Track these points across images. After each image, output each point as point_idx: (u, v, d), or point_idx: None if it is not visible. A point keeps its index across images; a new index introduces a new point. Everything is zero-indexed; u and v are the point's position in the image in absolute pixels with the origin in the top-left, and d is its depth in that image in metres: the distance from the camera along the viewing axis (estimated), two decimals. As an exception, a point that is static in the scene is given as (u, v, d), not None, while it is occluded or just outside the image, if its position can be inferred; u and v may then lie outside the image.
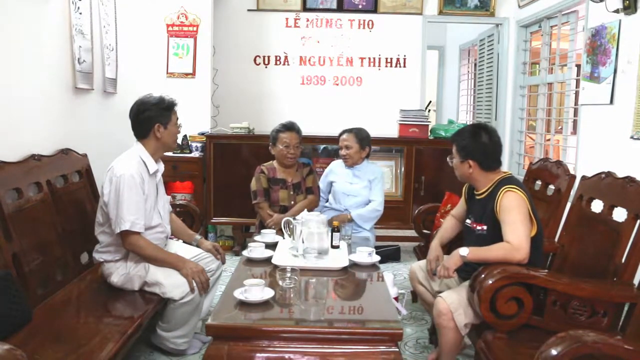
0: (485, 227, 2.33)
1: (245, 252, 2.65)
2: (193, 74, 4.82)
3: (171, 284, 2.47)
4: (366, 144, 3.57)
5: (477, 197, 2.41)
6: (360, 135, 3.55)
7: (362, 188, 3.56)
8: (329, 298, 2.19)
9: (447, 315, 2.19)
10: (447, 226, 2.66)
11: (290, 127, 3.46)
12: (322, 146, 4.80)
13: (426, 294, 2.60)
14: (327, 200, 3.73)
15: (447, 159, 2.47)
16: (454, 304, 2.19)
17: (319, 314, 1.99)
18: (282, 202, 3.46)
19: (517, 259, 2.12)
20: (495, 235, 2.24)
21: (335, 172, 3.67)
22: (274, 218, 3.35)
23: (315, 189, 3.56)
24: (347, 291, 2.35)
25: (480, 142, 2.34)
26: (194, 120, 4.62)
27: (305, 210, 2.90)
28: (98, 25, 3.50)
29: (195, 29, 4.81)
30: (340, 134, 3.61)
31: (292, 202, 3.47)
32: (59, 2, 2.98)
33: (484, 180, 2.36)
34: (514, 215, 2.18)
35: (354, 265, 2.52)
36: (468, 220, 2.46)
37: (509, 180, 2.31)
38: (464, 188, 2.59)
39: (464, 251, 2.23)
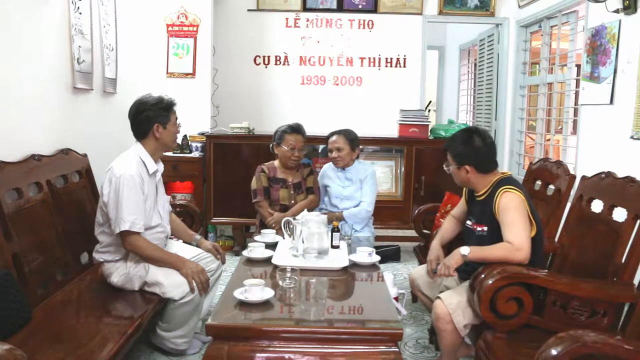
0: (485, 228, 2.33)
1: (245, 252, 2.65)
2: (193, 74, 4.83)
3: (171, 284, 2.47)
4: (356, 145, 3.55)
5: (478, 199, 2.41)
6: (350, 137, 3.52)
7: (355, 190, 3.54)
8: (329, 298, 2.18)
9: (445, 318, 2.19)
10: (447, 226, 2.66)
11: (297, 129, 3.44)
12: (321, 146, 4.80)
13: (427, 302, 2.59)
14: (322, 202, 3.72)
15: (444, 166, 2.47)
16: (452, 305, 2.19)
17: (319, 314, 1.99)
18: (283, 201, 3.46)
19: (518, 259, 2.12)
20: (495, 236, 2.24)
21: (328, 176, 3.64)
22: (274, 217, 3.34)
23: (315, 189, 3.56)
24: (347, 291, 2.35)
25: (474, 146, 2.34)
26: (194, 120, 4.63)
27: (305, 210, 2.90)
28: (98, 25, 3.50)
29: (195, 29, 4.81)
30: (329, 136, 3.56)
31: (293, 202, 3.47)
32: (59, 2, 2.98)
33: (483, 182, 2.36)
34: (513, 215, 2.19)
35: (354, 265, 2.52)
36: (469, 222, 2.46)
37: (507, 181, 2.31)
38: (464, 189, 2.58)
39: (465, 250, 2.23)
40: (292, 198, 3.48)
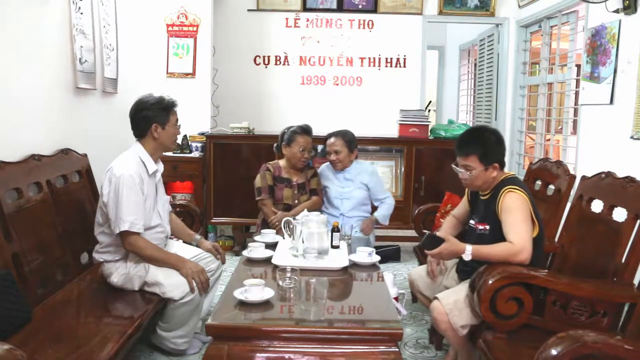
0: (487, 227, 2.32)
1: (245, 252, 2.65)
2: (193, 74, 4.83)
3: (171, 284, 2.47)
4: (354, 147, 3.55)
5: (482, 197, 2.40)
6: (348, 138, 3.52)
7: (355, 189, 3.55)
8: (329, 298, 2.18)
9: (442, 318, 2.19)
10: (447, 227, 2.66)
11: (307, 131, 3.44)
12: (320, 146, 4.79)
13: (427, 302, 2.59)
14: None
15: (465, 175, 2.33)
16: (449, 305, 2.19)
17: (319, 314, 1.99)
18: (286, 201, 3.46)
19: (519, 260, 2.12)
20: (496, 235, 2.24)
21: (326, 177, 3.64)
22: (277, 216, 3.34)
23: (319, 191, 3.56)
24: (347, 291, 2.35)
25: (494, 142, 2.32)
26: (194, 120, 4.63)
27: (305, 210, 2.90)
28: (98, 25, 3.50)
29: (195, 29, 4.81)
30: (327, 138, 3.56)
31: (296, 202, 3.47)
32: (60, 2, 2.98)
33: (495, 180, 2.34)
34: (515, 215, 2.18)
35: (354, 265, 2.52)
36: (472, 221, 2.45)
37: (511, 181, 2.30)
38: (467, 188, 2.56)
39: (467, 256, 2.20)
40: (295, 198, 3.48)
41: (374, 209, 3.68)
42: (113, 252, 2.57)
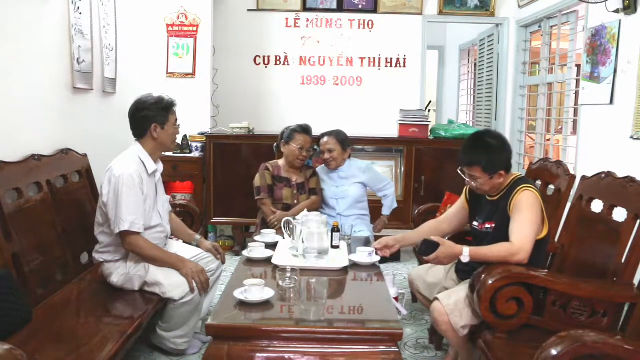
0: (493, 225, 2.31)
1: (245, 252, 2.65)
2: (193, 74, 4.83)
3: (171, 284, 2.47)
4: (347, 145, 3.57)
5: (489, 198, 2.37)
6: (340, 137, 3.54)
7: (350, 187, 3.55)
8: (329, 298, 2.18)
9: (443, 319, 2.19)
10: (425, 232, 2.52)
11: (307, 130, 3.46)
12: (321, 146, 4.80)
13: (426, 303, 2.59)
14: None
15: (471, 184, 2.34)
16: (450, 306, 2.18)
17: (319, 314, 1.99)
18: (286, 200, 3.46)
19: (516, 260, 2.11)
20: (499, 233, 2.23)
21: (321, 179, 3.65)
22: (276, 215, 3.34)
23: (318, 190, 3.56)
24: (347, 291, 2.34)
25: (498, 149, 2.28)
26: (194, 120, 4.63)
27: (306, 210, 2.90)
28: (98, 25, 3.50)
29: (195, 29, 4.81)
30: (320, 137, 3.58)
31: (295, 201, 3.47)
32: (59, 2, 2.98)
33: (504, 182, 2.33)
34: (525, 215, 2.17)
35: (354, 265, 2.51)
36: (475, 223, 2.43)
37: (524, 180, 2.30)
38: (465, 189, 2.54)
39: (465, 258, 2.21)
40: (295, 198, 3.48)
41: (372, 206, 3.68)
42: (113, 252, 2.57)
